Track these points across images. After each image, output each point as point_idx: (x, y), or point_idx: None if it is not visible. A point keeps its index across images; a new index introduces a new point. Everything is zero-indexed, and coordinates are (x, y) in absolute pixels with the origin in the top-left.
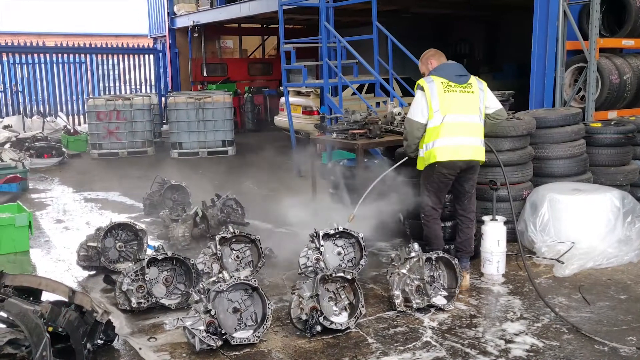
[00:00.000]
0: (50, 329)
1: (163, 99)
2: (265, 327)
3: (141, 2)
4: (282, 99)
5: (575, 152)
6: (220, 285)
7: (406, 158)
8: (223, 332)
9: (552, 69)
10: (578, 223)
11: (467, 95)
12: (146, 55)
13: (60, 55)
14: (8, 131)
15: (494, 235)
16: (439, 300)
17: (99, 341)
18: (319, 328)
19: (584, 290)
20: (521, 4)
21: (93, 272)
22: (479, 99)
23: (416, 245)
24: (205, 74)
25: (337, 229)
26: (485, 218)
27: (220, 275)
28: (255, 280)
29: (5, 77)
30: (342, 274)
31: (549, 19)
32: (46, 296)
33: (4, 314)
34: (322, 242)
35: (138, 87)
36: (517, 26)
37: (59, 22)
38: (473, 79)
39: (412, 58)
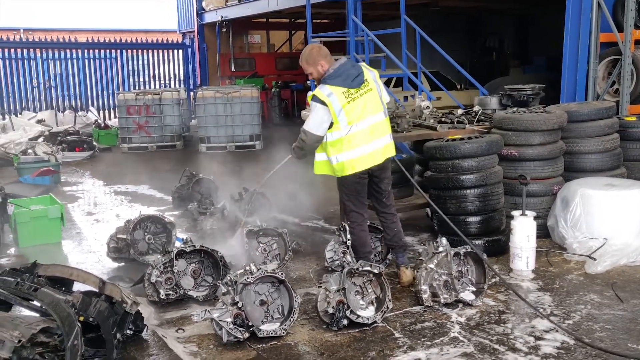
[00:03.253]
0: (81, 318)
1: (192, 93)
2: (291, 320)
3: None
4: (309, 93)
5: (609, 146)
6: (248, 278)
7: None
8: (250, 324)
9: (585, 61)
10: (611, 219)
11: (367, 95)
12: (175, 51)
13: (91, 50)
14: (41, 125)
15: (523, 230)
16: (467, 295)
17: (128, 331)
18: (345, 322)
19: (616, 288)
20: None
21: (123, 264)
22: (378, 93)
23: (444, 240)
24: (233, 69)
25: None
26: (515, 213)
27: (248, 267)
28: (282, 273)
29: (39, 73)
30: (369, 268)
31: (582, 11)
32: (77, 286)
33: (38, 303)
34: (348, 236)
35: (167, 82)
36: (548, 19)
37: (91, 19)
38: (367, 73)
39: (441, 52)
